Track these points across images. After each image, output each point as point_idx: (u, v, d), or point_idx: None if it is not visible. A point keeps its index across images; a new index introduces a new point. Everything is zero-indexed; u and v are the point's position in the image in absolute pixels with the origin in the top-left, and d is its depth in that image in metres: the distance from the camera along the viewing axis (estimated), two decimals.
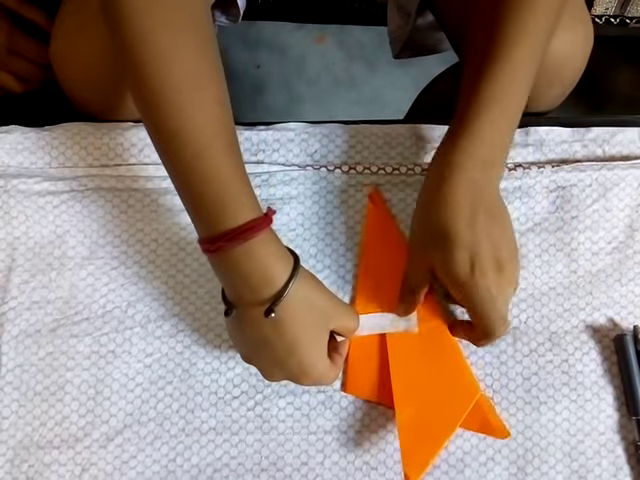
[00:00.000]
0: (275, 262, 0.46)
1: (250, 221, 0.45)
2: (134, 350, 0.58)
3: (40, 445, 0.56)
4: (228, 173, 0.45)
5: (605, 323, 0.60)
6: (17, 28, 0.73)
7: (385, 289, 0.56)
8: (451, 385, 0.54)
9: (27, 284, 0.59)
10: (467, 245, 0.48)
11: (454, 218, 0.48)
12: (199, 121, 0.44)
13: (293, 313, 0.46)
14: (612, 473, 0.56)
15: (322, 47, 1.26)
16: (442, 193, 0.49)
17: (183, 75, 0.44)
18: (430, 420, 0.53)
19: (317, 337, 0.49)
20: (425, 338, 0.55)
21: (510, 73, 0.49)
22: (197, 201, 0.46)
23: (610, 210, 0.62)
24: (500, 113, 0.49)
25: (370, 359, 0.56)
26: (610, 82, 0.92)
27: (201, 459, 0.56)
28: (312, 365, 0.48)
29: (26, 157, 0.62)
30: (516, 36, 0.49)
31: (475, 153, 0.48)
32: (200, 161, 0.45)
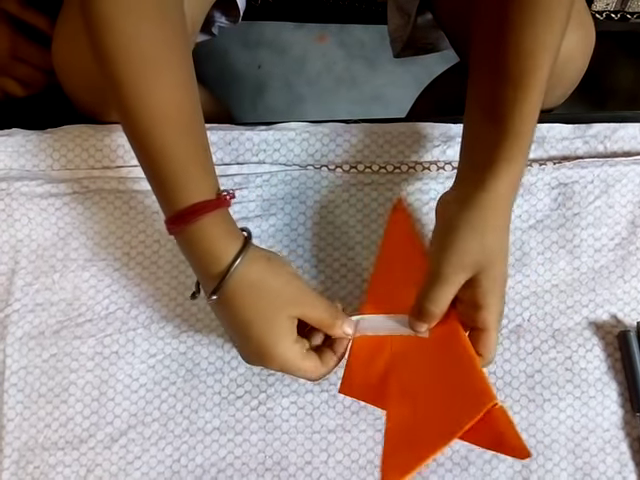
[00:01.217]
0: (221, 245, 0.46)
1: (196, 204, 0.46)
2: (137, 351, 0.58)
3: (45, 447, 0.56)
4: (177, 155, 0.46)
5: (608, 320, 0.60)
6: (20, 34, 0.73)
7: (397, 293, 0.54)
8: (457, 391, 0.48)
9: (30, 286, 0.59)
10: (501, 275, 0.49)
11: (499, 245, 0.49)
12: (152, 103, 0.46)
13: (242, 295, 0.47)
14: (617, 470, 0.56)
15: (323, 46, 1.26)
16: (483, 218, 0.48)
17: (142, 60, 0.46)
18: (425, 427, 0.48)
19: (273, 321, 0.47)
20: (435, 342, 0.51)
21: (535, 103, 0.49)
22: (151, 183, 0.48)
23: (612, 206, 0.62)
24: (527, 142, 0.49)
25: (371, 361, 0.53)
26: (611, 78, 0.92)
27: (205, 459, 0.56)
28: (270, 347, 0.47)
29: (28, 160, 0.62)
30: (536, 55, 0.48)
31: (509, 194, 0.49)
32: (148, 141, 0.46)
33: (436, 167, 0.62)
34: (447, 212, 0.50)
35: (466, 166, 0.51)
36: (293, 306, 0.48)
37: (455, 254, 0.47)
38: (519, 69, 0.48)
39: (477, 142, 0.50)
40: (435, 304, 0.48)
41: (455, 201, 0.50)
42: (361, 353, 0.53)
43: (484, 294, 0.48)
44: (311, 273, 0.60)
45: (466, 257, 0.47)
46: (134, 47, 0.46)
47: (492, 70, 0.50)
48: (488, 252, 0.48)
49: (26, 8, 0.74)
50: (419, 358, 0.51)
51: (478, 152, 0.50)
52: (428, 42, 0.82)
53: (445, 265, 0.47)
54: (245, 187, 0.62)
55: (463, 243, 0.47)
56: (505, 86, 0.49)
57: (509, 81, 0.49)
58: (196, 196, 0.46)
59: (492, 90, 0.50)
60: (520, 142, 0.49)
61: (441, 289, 0.48)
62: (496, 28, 0.50)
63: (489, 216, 0.48)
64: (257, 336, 0.47)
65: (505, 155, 0.48)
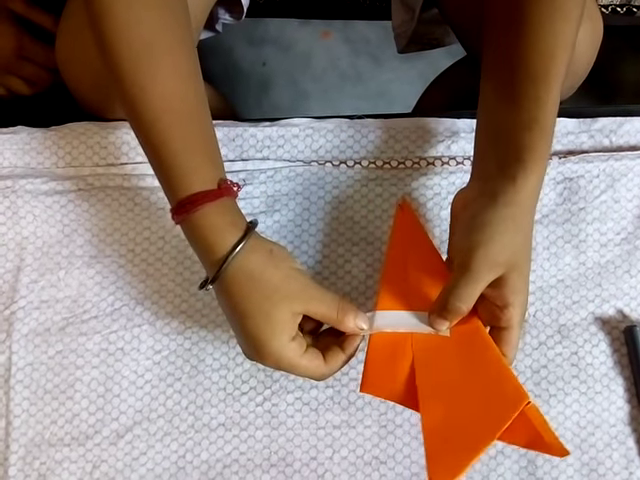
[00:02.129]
0: (221, 234, 0.46)
1: (197, 193, 0.46)
2: (143, 347, 0.58)
3: (51, 443, 0.56)
4: (179, 145, 0.47)
5: (614, 315, 0.59)
6: (26, 33, 0.74)
7: (411, 291, 0.52)
8: (489, 391, 0.47)
9: (36, 283, 0.60)
10: (528, 273, 0.49)
11: (527, 244, 0.49)
12: (155, 92, 0.47)
13: (239, 286, 0.46)
14: (623, 465, 0.56)
15: (327, 43, 1.26)
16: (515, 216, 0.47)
17: (144, 49, 0.47)
18: (464, 427, 0.46)
19: (269, 315, 0.46)
20: (457, 340, 0.49)
21: (556, 99, 0.49)
22: (156, 172, 0.49)
23: (618, 201, 0.62)
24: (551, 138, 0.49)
25: (392, 358, 0.50)
26: (617, 72, 0.92)
27: (210, 455, 0.56)
28: (264, 343, 0.46)
29: (33, 157, 0.62)
30: (555, 52, 0.48)
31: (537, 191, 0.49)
32: (152, 132, 0.47)
33: (440, 162, 0.62)
34: (472, 208, 0.48)
35: (491, 161, 0.50)
36: (293, 301, 0.47)
37: (489, 252, 0.46)
38: (541, 67, 0.48)
39: (501, 137, 0.49)
40: (464, 301, 0.46)
41: (482, 196, 0.48)
42: (381, 350, 0.51)
43: (512, 293, 0.47)
44: (315, 269, 0.60)
45: (499, 255, 0.46)
46: (135, 35, 0.46)
47: (510, 68, 0.50)
48: (518, 250, 0.47)
49: (31, 7, 0.74)
50: (443, 357, 0.49)
51: (503, 147, 0.49)
52: (433, 37, 0.82)
53: (477, 262, 0.46)
54: (249, 183, 0.62)
55: (497, 241, 0.46)
56: (527, 84, 0.48)
57: (531, 79, 0.48)
58: (198, 185, 0.46)
59: (514, 88, 0.49)
60: (546, 138, 0.49)
61: (471, 287, 0.46)
62: (512, 27, 0.50)
63: (519, 214, 0.47)
64: (252, 330, 0.46)
65: (533, 151, 0.48)
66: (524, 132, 0.48)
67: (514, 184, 0.47)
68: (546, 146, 0.49)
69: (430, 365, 0.49)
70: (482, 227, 0.47)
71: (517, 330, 0.48)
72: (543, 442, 0.45)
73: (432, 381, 0.48)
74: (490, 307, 0.48)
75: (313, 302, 0.47)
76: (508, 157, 0.48)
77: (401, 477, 0.56)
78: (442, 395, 0.48)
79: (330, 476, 0.56)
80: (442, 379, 0.48)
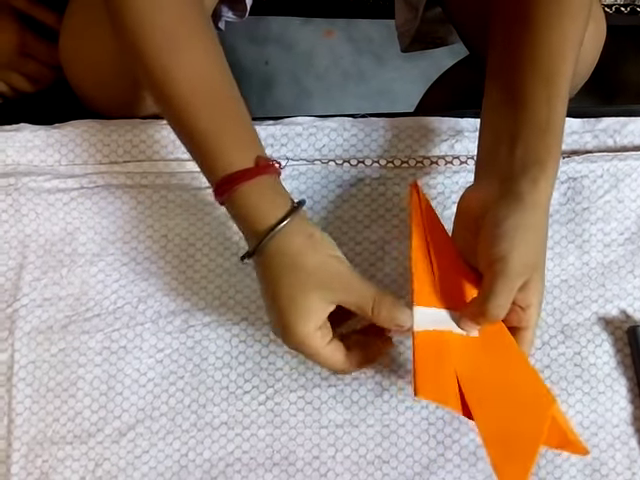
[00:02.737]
0: (260, 213, 0.47)
1: (233, 173, 0.47)
2: (145, 346, 0.58)
3: (54, 441, 0.56)
4: (210, 127, 0.48)
5: (618, 315, 0.59)
6: (28, 30, 0.74)
7: (440, 285, 0.51)
8: (523, 394, 0.47)
9: (38, 281, 0.60)
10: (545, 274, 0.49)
11: (544, 248, 0.49)
12: (180, 77, 0.48)
13: (274, 266, 0.47)
14: (626, 466, 0.56)
15: (330, 41, 1.26)
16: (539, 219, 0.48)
17: (164, 34, 0.48)
18: (514, 432, 0.46)
19: (298, 300, 0.46)
20: (486, 342, 0.49)
21: (565, 98, 0.49)
22: (193, 158, 0.50)
23: (622, 201, 0.62)
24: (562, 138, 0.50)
25: (439, 359, 0.48)
26: (621, 72, 0.91)
27: (213, 453, 0.56)
28: (290, 326, 0.46)
29: (36, 155, 0.62)
30: (565, 52, 0.48)
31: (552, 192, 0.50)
32: (183, 117, 0.48)
33: (444, 161, 0.62)
34: (496, 211, 0.48)
35: (506, 162, 0.49)
36: (324, 290, 0.46)
37: (523, 257, 0.46)
38: (552, 67, 0.48)
39: (517, 140, 0.49)
40: (503, 308, 0.46)
41: (505, 199, 0.47)
42: (428, 350, 0.48)
43: (534, 294, 0.47)
44: None
45: (530, 259, 0.46)
46: (159, 23, 0.47)
47: (520, 68, 0.49)
48: (541, 252, 0.48)
49: (34, 4, 0.74)
50: (477, 360, 0.49)
51: (519, 149, 0.48)
52: (436, 36, 0.82)
53: (514, 268, 0.45)
54: None
55: (529, 245, 0.46)
56: (538, 84, 0.48)
57: (542, 80, 0.48)
58: (235, 165, 0.47)
59: (524, 88, 0.49)
60: (558, 138, 0.49)
61: (508, 292, 0.46)
62: (519, 27, 0.50)
63: (542, 215, 0.48)
64: (280, 312, 0.46)
65: (550, 153, 0.48)
66: (540, 134, 0.48)
67: (536, 186, 0.47)
68: (559, 147, 0.49)
69: (470, 370, 0.48)
70: (514, 232, 0.46)
71: (534, 329, 0.49)
72: (570, 442, 0.46)
73: (475, 387, 0.48)
74: (512, 308, 0.48)
75: (346, 291, 0.47)
76: (527, 159, 0.48)
77: (404, 476, 0.56)
78: (487, 401, 0.47)
79: (333, 475, 0.56)
80: (482, 384, 0.48)
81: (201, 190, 0.62)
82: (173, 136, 0.63)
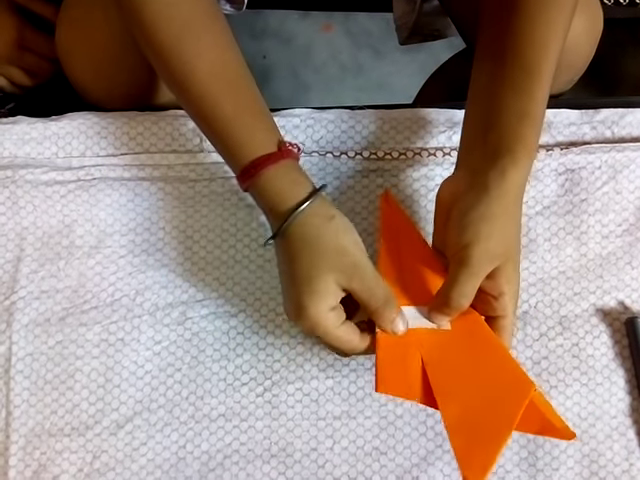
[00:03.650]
0: (283, 196, 0.48)
1: (255, 159, 0.48)
2: (143, 338, 0.58)
3: (51, 433, 0.56)
4: (230, 114, 0.49)
5: (616, 306, 0.59)
6: (27, 23, 0.73)
7: (408, 285, 0.52)
8: (498, 382, 0.47)
9: (36, 274, 0.59)
10: (519, 263, 0.49)
11: (518, 234, 0.49)
12: (199, 66, 0.49)
13: (294, 247, 0.47)
14: (624, 457, 0.56)
15: (328, 35, 1.25)
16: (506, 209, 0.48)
17: (181, 25, 0.49)
18: (482, 420, 0.46)
19: (313, 280, 0.46)
20: (459, 333, 0.49)
21: (546, 89, 0.49)
22: (215, 147, 0.51)
23: (620, 192, 0.61)
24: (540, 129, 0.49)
25: (403, 355, 0.49)
26: (620, 65, 0.91)
27: (211, 445, 0.56)
28: (304, 306, 0.46)
29: (33, 147, 0.62)
30: (548, 42, 0.48)
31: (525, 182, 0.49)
32: (203, 106, 0.49)
33: (442, 153, 0.62)
34: (464, 202, 0.48)
35: (479, 152, 0.50)
36: (338, 274, 0.46)
37: (487, 246, 0.46)
38: (532, 57, 0.48)
39: (491, 128, 0.49)
40: (465, 296, 0.47)
41: (472, 189, 0.48)
42: (390, 347, 0.50)
43: (506, 282, 0.47)
44: None
45: (496, 249, 0.47)
46: (175, 15, 0.48)
47: (503, 56, 0.49)
48: (511, 241, 0.48)
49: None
50: (449, 351, 0.49)
51: (494, 138, 0.48)
52: (434, 29, 0.82)
53: (477, 257, 0.46)
54: None
55: (494, 235, 0.46)
56: (519, 74, 0.48)
57: (523, 69, 0.48)
58: (258, 150, 0.48)
59: (505, 78, 0.49)
60: (536, 129, 0.48)
61: (471, 281, 0.46)
62: (506, 14, 0.50)
63: (511, 205, 0.48)
64: (295, 292, 0.47)
65: (524, 143, 0.47)
66: (515, 123, 0.48)
67: (504, 177, 0.47)
68: (536, 137, 0.49)
69: (438, 361, 0.49)
70: (477, 223, 0.47)
71: (511, 318, 0.49)
72: (553, 427, 0.45)
73: (444, 377, 0.48)
74: (484, 297, 0.48)
75: (361, 282, 0.47)
76: (499, 148, 0.48)
77: (401, 468, 0.56)
78: (456, 390, 0.48)
79: (330, 466, 0.56)
80: (452, 374, 0.48)
81: (198, 182, 0.62)
82: (170, 129, 0.63)
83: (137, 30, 0.50)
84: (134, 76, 0.62)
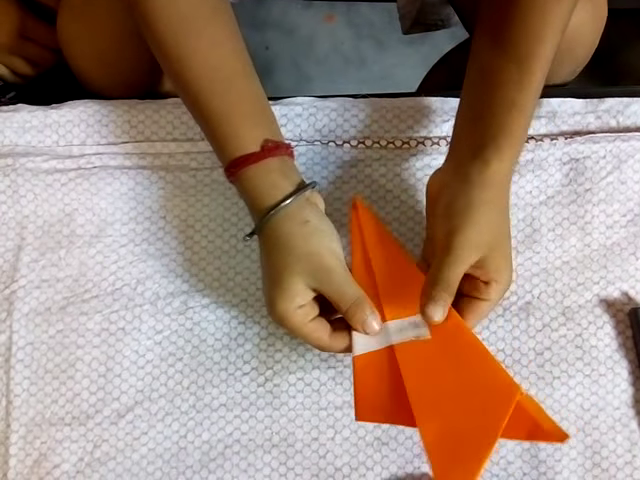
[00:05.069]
0: (259, 198, 0.48)
1: (237, 158, 0.48)
2: (144, 327, 0.58)
3: (52, 422, 0.56)
4: (220, 111, 0.49)
5: (619, 297, 0.59)
6: (29, 13, 0.73)
7: (389, 297, 0.50)
8: (482, 390, 0.45)
9: (37, 262, 0.59)
10: (510, 251, 0.49)
11: (505, 223, 0.49)
12: (194, 63, 0.49)
13: (269, 247, 0.49)
14: (627, 448, 0.56)
15: (331, 26, 1.25)
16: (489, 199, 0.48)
17: (179, 21, 0.49)
18: (463, 434, 0.44)
19: (283, 279, 0.47)
20: (440, 342, 0.47)
21: (537, 81, 0.48)
22: (207, 139, 0.51)
23: (625, 182, 0.61)
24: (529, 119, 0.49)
25: (379, 378, 0.48)
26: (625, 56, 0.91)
27: (212, 435, 0.56)
28: (273, 302, 0.47)
29: (34, 136, 0.62)
30: (543, 36, 0.48)
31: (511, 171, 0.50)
32: (198, 102, 0.49)
33: (445, 142, 0.61)
34: (448, 192, 0.48)
35: (464, 143, 0.50)
36: (309, 277, 0.47)
37: (468, 236, 0.46)
38: (525, 50, 0.48)
39: (479, 119, 0.49)
40: (450, 284, 0.46)
41: (456, 180, 0.48)
42: (367, 370, 0.48)
43: (495, 271, 0.47)
44: None
45: (479, 238, 0.46)
46: (174, 11, 0.49)
47: (497, 47, 0.49)
48: (496, 231, 0.48)
49: None
50: (429, 363, 0.47)
51: (480, 129, 0.49)
52: (438, 18, 0.81)
53: (458, 246, 0.46)
54: None
55: (475, 225, 0.46)
56: (511, 65, 0.48)
57: (514, 60, 0.48)
58: (240, 149, 0.48)
59: (495, 67, 0.49)
60: (523, 122, 0.48)
61: (453, 269, 0.46)
62: (504, 5, 0.49)
63: (494, 196, 0.48)
64: (267, 288, 0.48)
65: (509, 135, 0.47)
66: (501, 114, 0.48)
67: (488, 167, 0.47)
68: (523, 129, 0.49)
69: (418, 374, 0.47)
70: (460, 212, 0.47)
71: (492, 304, 0.48)
72: (543, 431, 0.43)
73: (423, 391, 0.46)
74: (473, 280, 0.48)
75: (327, 285, 0.47)
76: (484, 138, 0.48)
77: (403, 458, 0.56)
78: (436, 404, 0.45)
79: (332, 456, 0.56)
80: (432, 386, 0.46)
81: (199, 171, 0.61)
82: (171, 117, 0.62)
83: (139, 20, 0.50)
84: (135, 64, 0.61)
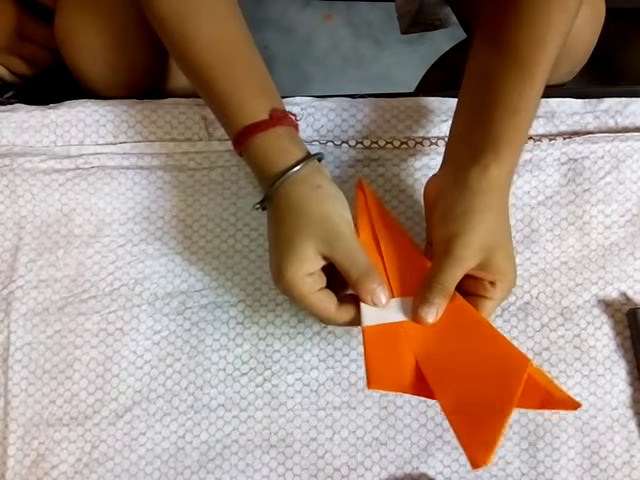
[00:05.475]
0: (270, 163, 0.49)
1: (247, 126, 0.49)
2: (142, 327, 0.58)
3: (50, 423, 0.56)
4: (225, 83, 0.50)
5: (618, 297, 0.59)
6: (26, 12, 0.73)
7: (395, 276, 0.50)
8: (494, 363, 0.47)
9: (34, 262, 0.59)
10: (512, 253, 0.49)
11: (505, 227, 0.49)
12: (198, 38, 0.50)
13: (280, 211, 0.48)
14: (625, 448, 0.56)
15: (329, 26, 1.24)
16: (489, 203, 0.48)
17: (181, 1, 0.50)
18: (481, 402, 0.45)
19: (294, 244, 0.46)
20: (447, 320, 0.48)
21: (538, 87, 0.49)
22: (215, 114, 0.52)
23: (623, 182, 0.61)
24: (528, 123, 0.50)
25: (392, 349, 0.48)
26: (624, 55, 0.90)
27: (210, 436, 0.56)
28: (282, 269, 0.46)
29: (31, 135, 0.62)
30: (546, 42, 0.48)
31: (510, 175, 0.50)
32: (202, 76, 0.50)
33: (443, 142, 0.61)
34: (447, 197, 0.49)
35: (462, 147, 0.50)
36: (320, 242, 0.46)
37: (469, 240, 0.46)
38: (528, 56, 0.48)
39: (479, 123, 0.49)
40: (447, 287, 0.46)
41: (456, 185, 0.48)
42: (378, 341, 0.49)
43: (497, 272, 0.47)
44: None
45: (479, 242, 0.47)
46: None
47: (498, 52, 0.49)
48: (497, 234, 0.48)
49: None
50: (437, 339, 0.48)
51: (479, 133, 0.48)
52: (436, 18, 0.81)
53: (459, 250, 0.46)
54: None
55: (475, 229, 0.46)
56: (512, 70, 0.48)
57: (516, 65, 0.48)
58: (249, 118, 0.49)
59: (496, 72, 0.49)
60: (522, 126, 0.48)
61: (453, 271, 0.46)
62: (506, 9, 0.49)
63: (494, 200, 0.48)
64: (276, 254, 0.47)
65: (509, 140, 0.48)
66: (502, 120, 0.48)
67: (487, 172, 0.47)
68: (523, 135, 0.49)
69: (429, 350, 0.48)
70: (459, 218, 0.47)
71: (496, 303, 0.49)
72: (555, 399, 0.44)
73: (436, 365, 0.48)
74: (479, 281, 0.48)
75: (342, 252, 0.47)
76: (484, 144, 0.48)
77: (401, 459, 0.56)
78: (451, 376, 0.47)
79: (330, 457, 0.56)
80: (444, 361, 0.48)
81: (197, 171, 0.61)
82: (169, 117, 0.62)
83: (144, 7, 0.51)
84: (133, 63, 0.61)
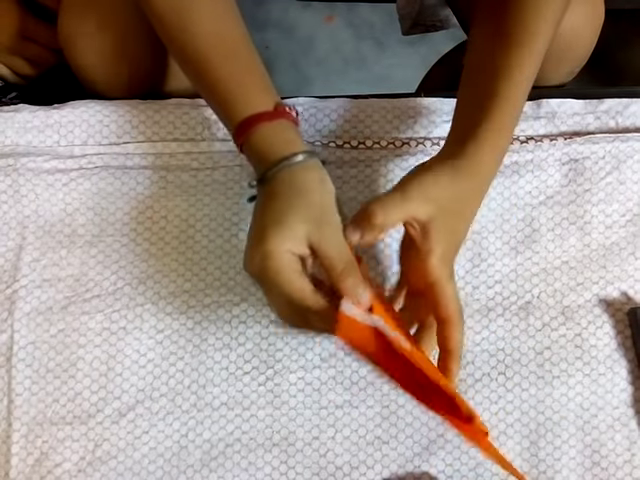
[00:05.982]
0: (274, 149, 0.48)
1: (250, 116, 0.48)
2: (145, 327, 0.58)
3: (53, 421, 0.56)
4: (226, 77, 0.50)
5: (619, 296, 0.59)
6: (29, 13, 0.73)
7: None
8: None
9: (38, 262, 0.59)
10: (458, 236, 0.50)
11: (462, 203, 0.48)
12: (197, 33, 0.50)
13: (279, 192, 0.47)
14: (626, 447, 0.56)
15: (330, 27, 1.25)
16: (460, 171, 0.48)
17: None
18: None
19: (286, 220, 0.45)
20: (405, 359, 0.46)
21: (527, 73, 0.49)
22: (214, 109, 0.53)
23: (624, 183, 0.61)
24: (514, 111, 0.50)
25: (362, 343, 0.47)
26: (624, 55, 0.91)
27: (213, 434, 0.56)
28: (261, 239, 0.45)
29: (35, 136, 0.62)
30: (534, 25, 0.48)
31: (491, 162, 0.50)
32: (202, 70, 0.50)
33: None
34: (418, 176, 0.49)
35: (450, 138, 0.50)
36: (315, 227, 0.45)
37: (423, 182, 0.47)
38: (516, 37, 0.48)
39: (464, 112, 0.50)
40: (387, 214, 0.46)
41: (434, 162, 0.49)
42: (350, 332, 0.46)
43: (436, 240, 0.46)
44: None
45: (432, 190, 0.47)
46: None
47: (489, 38, 0.50)
48: (454, 202, 0.47)
49: None
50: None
51: (465, 121, 0.49)
52: (437, 19, 0.81)
53: (410, 187, 0.47)
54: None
55: (432, 177, 0.47)
56: (498, 53, 0.49)
57: (504, 48, 0.48)
58: (252, 108, 0.49)
59: (485, 57, 0.50)
60: (506, 111, 0.48)
61: (397, 203, 0.46)
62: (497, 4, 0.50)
63: (462, 173, 0.47)
64: (264, 223, 0.46)
65: (490, 119, 0.48)
66: (484, 105, 0.48)
67: (464, 149, 0.47)
68: (506, 117, 0.48)
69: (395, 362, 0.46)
70: (421, 170, 0.48)
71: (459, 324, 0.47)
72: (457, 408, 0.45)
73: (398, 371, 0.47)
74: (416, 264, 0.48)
75: (329, 242, 0.45)
76: (465, 129, 0.48)
77: (403, 457, 0.56)
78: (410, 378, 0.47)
79: (332, 455, 0.56)
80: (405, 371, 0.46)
81: (201, 171, 0.62)
82: (172, 117, 0.62)
83: (142, 4, 0.51)
84: (137, 64, 0.62)
